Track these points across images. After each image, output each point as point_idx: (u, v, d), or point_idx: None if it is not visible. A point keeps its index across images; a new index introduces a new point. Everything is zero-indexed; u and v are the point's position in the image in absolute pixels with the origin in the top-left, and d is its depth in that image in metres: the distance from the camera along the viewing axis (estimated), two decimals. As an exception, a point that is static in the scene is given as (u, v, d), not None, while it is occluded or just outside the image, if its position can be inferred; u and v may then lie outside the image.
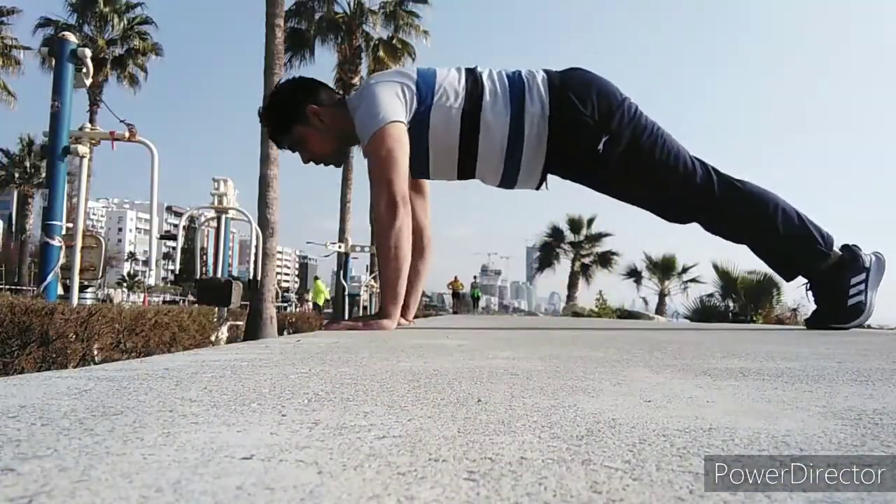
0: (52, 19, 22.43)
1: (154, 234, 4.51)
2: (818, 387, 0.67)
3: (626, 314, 14.04)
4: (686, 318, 12.24)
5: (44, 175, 20.89)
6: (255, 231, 7.61)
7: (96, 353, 2.71)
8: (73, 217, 4.70)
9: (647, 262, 18.73)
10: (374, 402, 0.56)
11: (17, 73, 23.98)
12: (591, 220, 23.46)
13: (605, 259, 23.76)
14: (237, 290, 6.09)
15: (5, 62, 23.47)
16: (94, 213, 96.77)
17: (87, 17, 23.34)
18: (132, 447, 0.38)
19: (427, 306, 27.70)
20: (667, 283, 18.81)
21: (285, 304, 19.80)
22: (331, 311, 17.49)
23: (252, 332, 7.78)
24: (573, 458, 0.37)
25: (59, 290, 4.07)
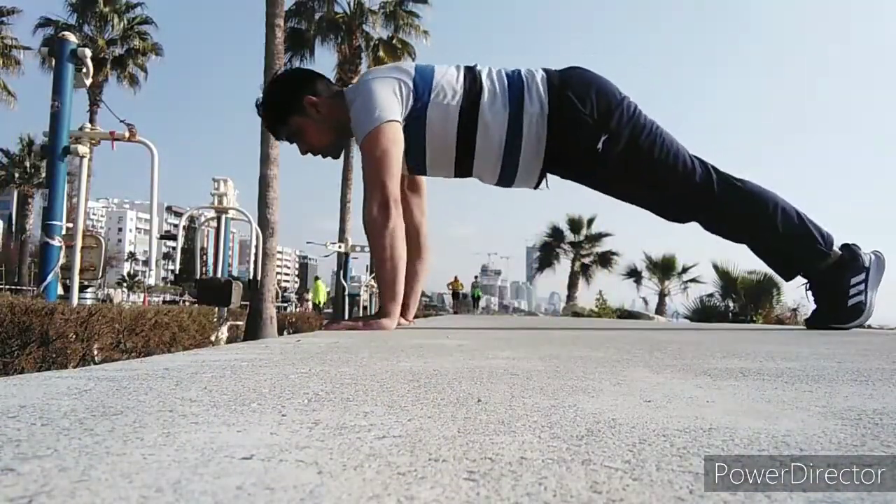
0: (52, 19, 22.44)
1: (154, 234, 4.51)
2: (818, 387, 0.67)
3: (626, 314, 14.04)
4: (686, 318, 12.25)
5: (44, 175, 20.87)
6: (255, 231, 7.61)
7: (96, 353, 2.71)
8: (73, 217, 4.70)
9: (647, 262, 18.74)
10: (374, 402, 0.56)
11: (17, 73, 24.01)
12: (591, 220, 23.48)
13: (605, 259, 23.77)
14: (237, 290, 6.09)
15: (5, 62, 23.47)
16: (94, 213, 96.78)
17: (87, 17, 23.34)
18: (132, 447, 0.38)
19: (427, 306, 27.69)
20: (667, 283, 18.81)
21: (285, 304, 19.79)
22: (331, 311, 17.49)
23: (252, 332, 7.78)
24: (573, 458, 0.37)
25: (59, 290, 4.07)
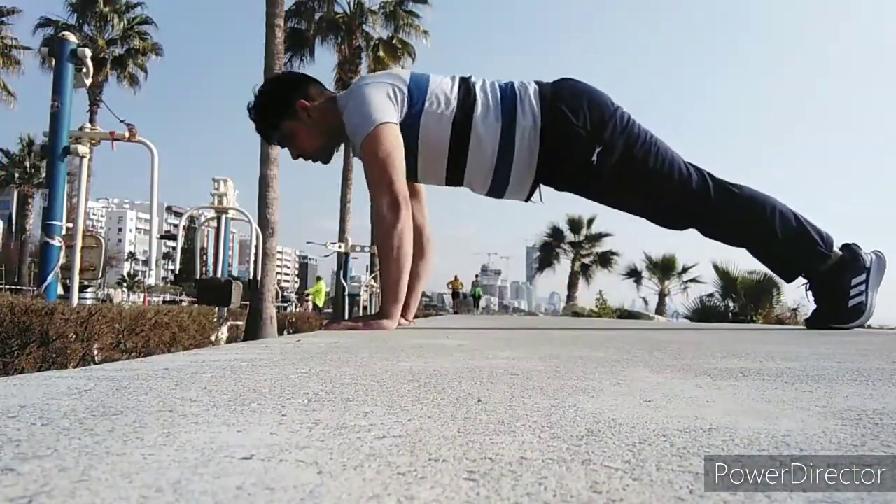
0: (52, 19, 22.44)
1: (154, 234, 4.51)
2: (818, 387, 0.67)
3: (626, 314, 14.05)
4: (686, 318, 12.25)
5: (44, 175, 20.89)
6: (255, 231, 7.61)
7: (96, 353, 2.71)
8: (73, 217, 4.70)
9: (647, 262, 18.74)
10: (374, 402, 0.56)
11: (17, 73, 24.01)
12: (591, 220, 23.50)
13: (605, 259, 23.77)
14: (237, 290, 6.09)
15: (5, 62, 23.47)
16: (94, 213, 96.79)
17: (87, 17, 23.34)
18: (132, 447, 0.38)
19: (427, 306, 27.68)
20: (667, 283, 18.81)
21: (285, 304, 19.78)
22: (331, 311, 17.49)
23: (252, 332, 7.78)
24: (573, 458, 0.37)
25: (59, 290, 4.07)
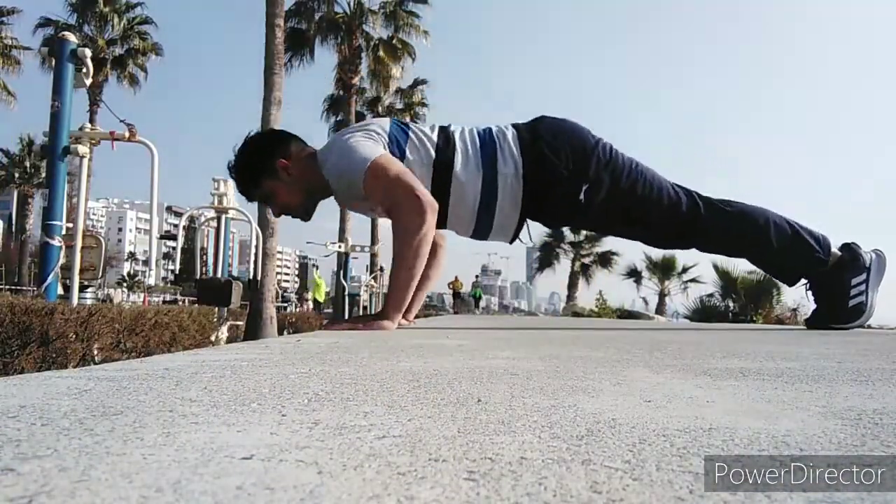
0: (52, 19, 22.42)
1: (154, 234, 4.52)
2: (818, 387, 0.67)
3: (626, 314, 14.05)
4: (686, 318, 12.25)
5: (44, 175, 20.90)
6: (255, 231, 7.61)
7: (96, 353, 2.71)
8: (73, 217, 4.70)
9: (647, 262, 18.72)
10: (374, 402, 0.56)
11: (17, 73, 23.99)
12: (591, 220, 23.45)
13: (605, 259, 23.79)
14: (237, 290, 6.09)
15: (5, 62, 23.46)
16: (94, 213, 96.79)
17: (87, 17, 23.33)
18: (132, 447, 0.38)
19: (427, 306, 27.66)
20: (667, 283, 18.81)
21: (285, 304, 19.78)
22: (331, 310, 17.49)
23: (252, 332, 7.78)
24: (573, 458, 0.37)
25: (59, 290, 4.08)
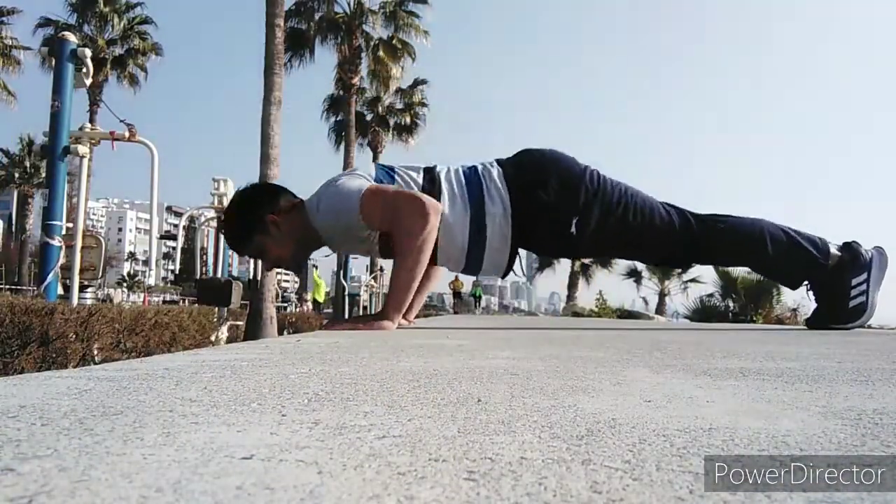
0: (52, 19, 22.41)
1: (154, 234, 4.52)
2: (818, 387, 0.67)
3: (626, 314, 14.05)
4: (686, 318, 12.26)
5: (44, 175, 20.84)
6: (255, 231, 7.58)
7: (96, 353, 2.71)
8: (73, 217, 4.70)
9: (648, 263, 18.72)
10: (374, 402, 0.56)
11: (17, 73, 23.99)
12: (591, 220, 23.42)
13: (605, 259, 23.75)
14: (237, 290, 6.09)
15: (5, 62, 23.45)
16: (94, 213, 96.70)
17: (87, 17, 23.32)
18: (132, 447, 0.38)
19: (427, 306, 27.63)
20: (667, 283, 18.82)
21: (285, 304, 19.76)
22: (331, 310, 17.47)
23: (252, 332, 7.77)
24: (573, 458, 0.37)
25: (59, 290, 4.08)
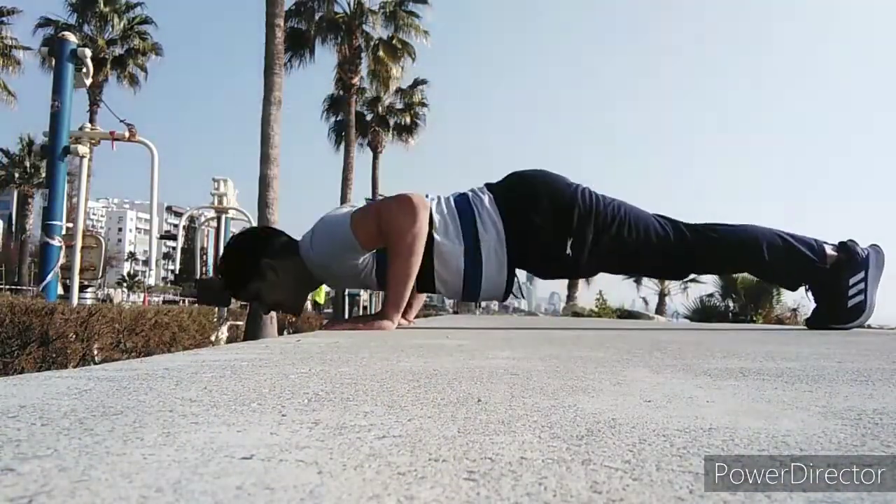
0: (52, 19, 22.43)
1: (154, 234, 4.52)
2: (818, 387, 0.67)
3: (626, 314, 14.07)
4: (686, 318, 12.27)
5: (44, 175, 20.85)
6: (256, 231, 7.59)
7: (96, 353, 2.71)
8: (73, 217, 4.70)
9: (647, 262, 18.69)
10: (374, 402, 0.56)
11: (17, 73, 24.02)
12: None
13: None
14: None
15: (5, 62, 23.47)
16: (94, 213, 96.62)
17: (87, 17, 23.34)
18: (132, 447, 0.38)
19: (427, 306, 27.63)
20: (667, 283, 18.80)
21: (285, 304, 19.68)
22: (331, 310, 17.46)
23: (252, 332, 7.76)
24: (573, 458, 0.37)
25: (59, 290, 4.08)
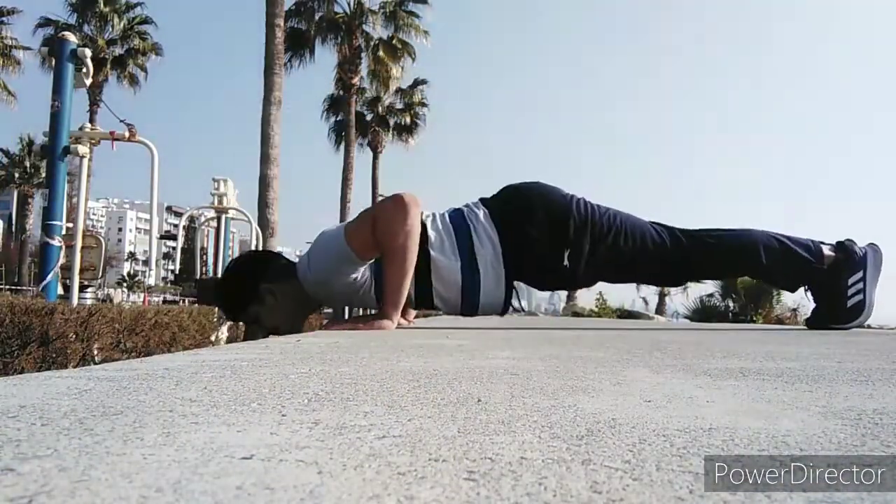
0: (52, 19, 22.44)
1: (154, 234, 4.52)
2: (818, 387, 0.67)
3: (626, 314, 14.07)
4: (686, 318, 12.27)
5: (44, 175, 20.85)
6: (255, 231, 7.61)
7: (96, 353, 2.71)
8: (73, 217, 4.70)
9: (647, 262, 18.67)
10: (374, 402, 0.56)
11: (17, 73, 24.04)
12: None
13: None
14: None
15: (5, 62, 23.48)
16: (94, 213, 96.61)
17: (87, 17, 23.34)
18: (132, 447, 0.38)
19: (427, 306, 27.51)
20: (667, 283, 18.76)
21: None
22: (331, 311, 17.45)
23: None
24: (573, 458, 0.37)
25: (59, 290, 4.08)
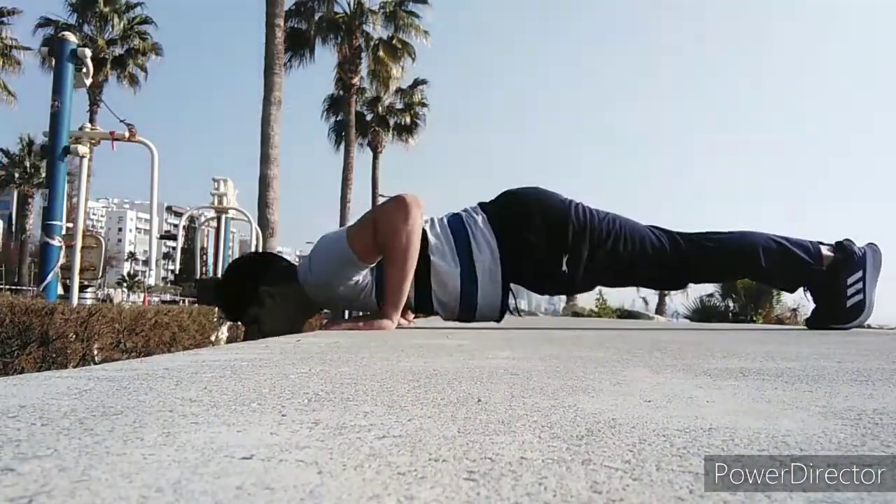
0: (52, 19, 22.46)
1: (154, 234, 4.52)
2: (818, 387, 0.67)
3: (626, 314, 14.07)
4: (686, 318, 12.26)
5: (44, 175, 20.85)
6: (255, 231, 7.61)
7: (96, 353, 2.71)
8: (73, 217, 4.70)
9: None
10: (374, 402, 0.56)
11: (17, 73, 24.06)
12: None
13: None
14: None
15: (5, 62, 23.49)
16: (94, 213, 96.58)
17: (87, 17, 23.35)
18: (132, 447, 0.38)
19: (427, 306, 27.50)
20: (667, 283, 18.74)
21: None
22: (330, 311, 17.44)
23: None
24: (573, 458, 0.37)
25: (59, 290, 4.08)
